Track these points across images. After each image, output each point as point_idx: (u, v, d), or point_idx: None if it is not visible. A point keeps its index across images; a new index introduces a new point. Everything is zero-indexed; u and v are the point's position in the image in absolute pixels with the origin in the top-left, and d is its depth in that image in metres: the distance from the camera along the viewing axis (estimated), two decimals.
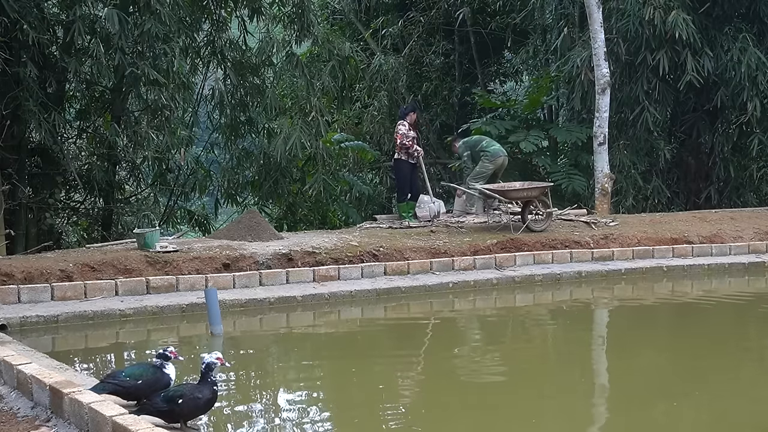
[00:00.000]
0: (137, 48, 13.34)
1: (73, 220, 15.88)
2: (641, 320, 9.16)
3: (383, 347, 8.21)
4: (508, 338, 8.75)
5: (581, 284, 10.78)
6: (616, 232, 12.30)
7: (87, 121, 15.18)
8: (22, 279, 8.57)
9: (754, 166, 17.67)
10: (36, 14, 12.38)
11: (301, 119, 16.00)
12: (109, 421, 4.14)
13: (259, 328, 8.69)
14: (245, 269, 9.65)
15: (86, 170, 14.38)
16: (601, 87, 14.95)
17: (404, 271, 10.33)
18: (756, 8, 16.43)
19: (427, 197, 12.62)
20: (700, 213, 14.39)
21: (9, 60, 12.00)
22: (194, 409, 4.81)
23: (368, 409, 5.97)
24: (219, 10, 15.64)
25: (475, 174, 12.75)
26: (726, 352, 7.75)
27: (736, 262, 11.91)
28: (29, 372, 5.04)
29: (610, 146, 15.52)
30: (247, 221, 10.87)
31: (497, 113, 18.49)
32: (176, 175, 16.60)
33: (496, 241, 11.35)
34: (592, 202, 15.48)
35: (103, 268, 9.07)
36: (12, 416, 4.84)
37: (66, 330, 7.84)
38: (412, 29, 20.56)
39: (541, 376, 7.01)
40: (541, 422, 5.76)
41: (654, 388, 6.41)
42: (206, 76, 17.13)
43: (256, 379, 6.97)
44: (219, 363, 4.90)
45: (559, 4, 18.45)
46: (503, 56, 22.09)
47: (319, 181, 16.02)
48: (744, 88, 15.83)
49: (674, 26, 15.14)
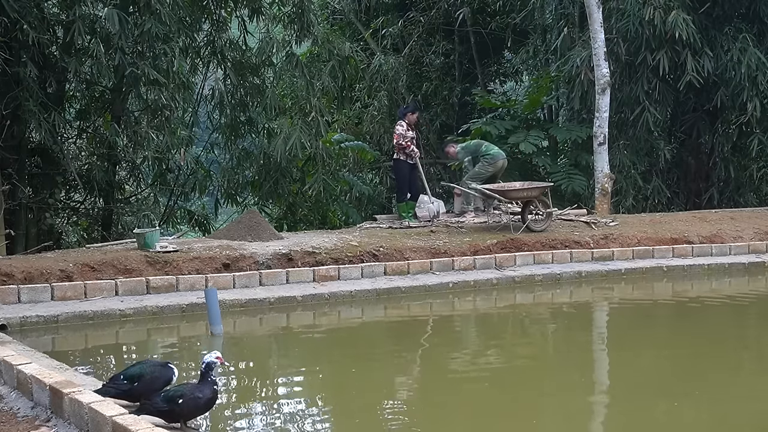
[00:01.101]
0: (137, 48, 13.34)
1: (73, 220, 15.87)
2: (641, 320, 9.17)
3: (383, 347, 8.21)
4: (508, 338, 8.75)
5: (581, 284, 10.78)
6: (616, 232, 12.30)
7: (87, 121, 15.18)
8: (22, 279, 8.57)
9: (754, 166, 17.68)
10: (36, 14, 12.37)
11: (301, 119, 15.99)
12: (109, 421, 4.14)
13: (259, 328, 8.69)
14: (245, 269, 9.65)
15: (86, 170, 14.38)
16: (601, 87, 14.95)
17: (404, 271, 10.33)
18: (756, 8, 16.43)
19: (427, 197, 12.63)
20: (700, 213, 14.39)
21: (9, 60, 12.00)
22: (194, 408, 4.81)
23: (368, 409, 5.97)
24: (219, 10, 15.63)
25: (473, 174, 12.75)
26: (726, 352, 7.76)
27: (736, 262, 11.90)
28: (29, 372, 5.04)
29: (610, 146, 15.52)
30: (247, 221, 10.87)
31: (497, 113, 18.50)
32: (176, 175, 16.60)
33: (496, 241, 11.35)
34: (592, 202, 15.48)
35: (103, 268, 9.07)
36: (12, 416, 4.84)
37: (66, 330, 7.84)
38: (412, 29, 20.56)
39: (541, 376, 7.02)
40: (542, 423, 5.76)
41: (654, 388, 6.41)
42: (206, 76, 17.12)
43: (256, 379, 6.97)
44: (219, 362, 4.90)
45: (559, 4, 18.45)
46: (503, 56, 22.08)
47: (319, 181, 16.02)
48: (744, 88, 15.83)
49: (674, 26, 15.14)
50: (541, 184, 12.84)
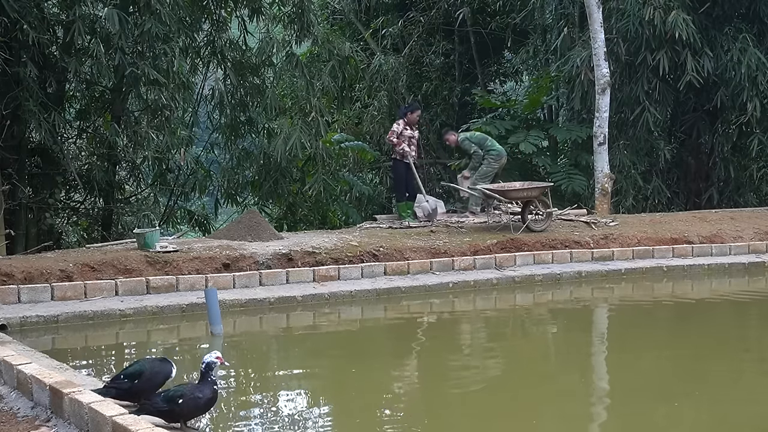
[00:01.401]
0: (137, 48, 13.34)
1: (73, 220, 15.87)
2: (641, 320, 9.16)
3: (383, 347, 8.21)
4: (508, 338, 8.75)
5: (581, 284, 10.78)
6: (616, 232, 12.30)
7: (87, 121, 15.17)
8: (22, 279, 8.57)
9: (754, 166, 17.68)
10: (36, 14, 12.37)
11: (301, 119, 15.99)
12: (109, 421, 4.14)
13: (259, 328, 8.69)
14: (245, 269, 9.65)
15: (86, 170, 14.38)
16: (601, 87, 14.95)
17: (404, 271, 10.33)
18: (756, 8, 16.43)
19: (421, 196, 12.61)
20: (700, 213, 14.39)
21: (9, 60, 12.00)
22: (194, 409, 4.80)
23: (368, 409, 5.97)
24: (219, 10, 15.63)
25: (482, 174, 12.78)
26: (726, 352, 7.75)
27: (736, 262, 11.90)
28: (29, 372, 5.04)
29: (610, 146, 15.52)
30: (247, 221, 10.87)
31: (497, 113, 18.49)
32: (176, 175, 16.60)
33: (496, 241, 11.35)
34: (592, 202, 15.48)
35: (103, 268, 9.07)
36: (12, 416, 4.84)
37: (66, 330, 7.84)
38: (412, 29, 20.55)
39: (541, 376, 7.01)
40: (542, 423, 5.76)
41: (654, 389, 6.41)
42: (206, 76, 17.12)
43: (256, 379, 6.97)
44: (219, 362, 4.90)
45: (559, 4, 18.45)
46: (503, 56, 22.07)
47: (319, 181, 16.02)
48: (744, 89, 15.83)
49: (674, 26, 15.14)
50: (541, 184, 12.84)
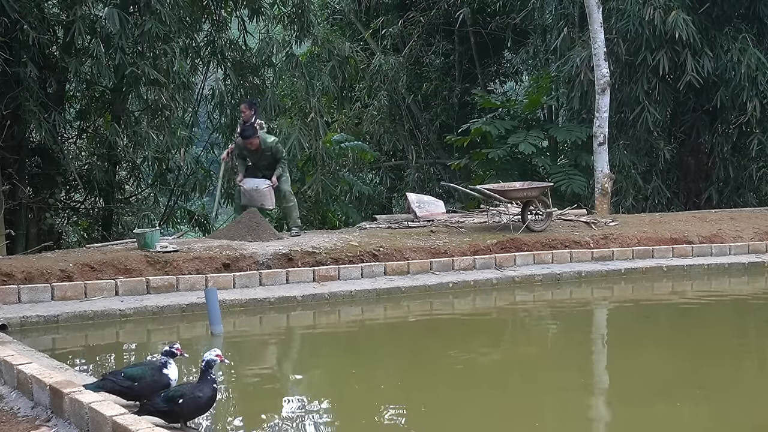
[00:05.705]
0: (137, 48, 13.34)
1: (73, 220, 15.86)
2: (641, 320, 9.16)
3: (383, 347, 8.21)
4: (508, 338, 8.75)
5: (581, 284, 10.77)
6: (616, 232, 12.29)
7: (87, 121, 15.17)
8: (22, 279, 8.57)
9: (754, 166, 17.68)
10: (36, 14, 12.37)
11: (301, 120, 16.01)
12: (110, 421, 4.14)
13: (259, 328, 8.69)
14: (245, 269, 9.65)
15: (86, 170, 14.38)
16: (601, 87, 14.95)
17: (404, 271, 10.33)
18: (756, 8, 16.44)
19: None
20: (700, 213, 14.39)
21: (9, 60, 12.00)
22: (195, 408, 4.81)
23: (368, 409, 5.97)
24: (219, 10, 15.64)
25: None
26: (726, 352, 7.75)
27: (735, 262, 11.90)
28: (29, 372, 5.04)
29: (610, 146, 15.51)
30: (247, 221, 10.86)
31: (497, 113, 18.50)
32: (176, 175, 16.60)
33: (496, 241, 11.35)
34: (592, 202, 15.48)
35: (103, 268, 9.06)
36: (12, 416, 4.84)
37: (66, 330, 7.84)
38: (412, 29, 20.56)
39: (541, 376, 7.02)
40: (542, 423, 5.76)
41: (654, 388, 6.41)
42: (206, 76, 17.12)
43: (256, 379, 6.97)
44: (218, 360, 4.90)
45: (559, 4, 18.45)
46: (503, 56, 22.08)
47: (318, 181, 16.04)
48: (744, 89, 15.83)
49: (674, 26, 15.15)
50: (541, 184, 12.84)
